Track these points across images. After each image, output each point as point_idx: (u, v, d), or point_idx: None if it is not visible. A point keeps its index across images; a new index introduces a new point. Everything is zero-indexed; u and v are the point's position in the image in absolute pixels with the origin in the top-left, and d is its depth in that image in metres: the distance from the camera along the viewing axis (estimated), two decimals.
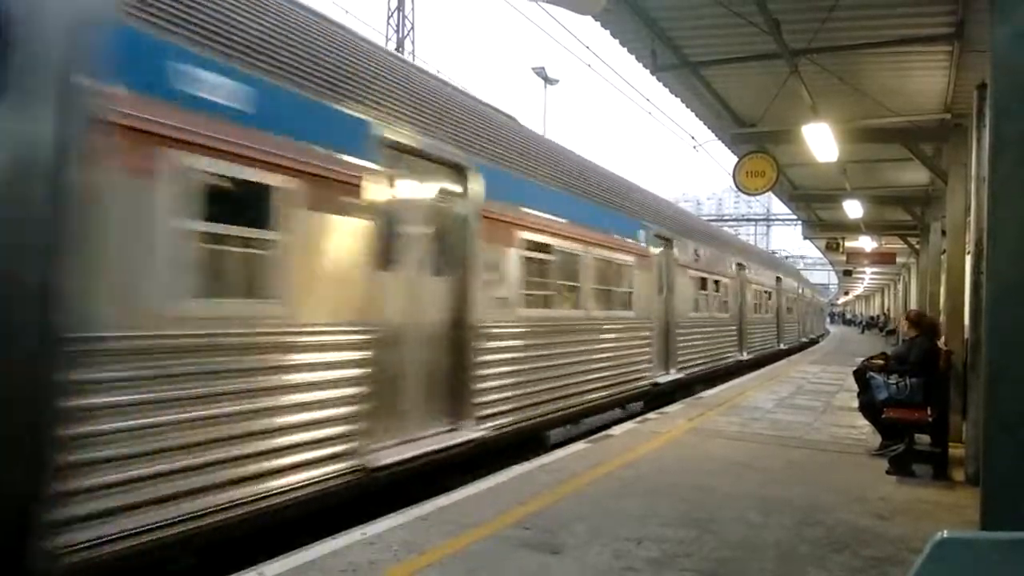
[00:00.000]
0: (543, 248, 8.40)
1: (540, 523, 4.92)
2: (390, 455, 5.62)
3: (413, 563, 4.12)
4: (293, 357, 4.85)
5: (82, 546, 3.53)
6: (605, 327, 10.06)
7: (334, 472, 5.07)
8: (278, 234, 4.76)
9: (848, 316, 79.37)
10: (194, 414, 4.13)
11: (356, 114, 5.53)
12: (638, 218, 11.61)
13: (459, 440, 6.49)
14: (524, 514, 5.11)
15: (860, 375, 7.71)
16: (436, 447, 6.15)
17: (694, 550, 4.47)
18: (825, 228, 24.42)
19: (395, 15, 28.52)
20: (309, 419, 4.91)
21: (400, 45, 28.05)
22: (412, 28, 28.76)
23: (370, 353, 5.43)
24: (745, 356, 18.94)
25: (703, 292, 15.30)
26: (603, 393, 9.88)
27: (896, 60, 9.19)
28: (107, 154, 3.71)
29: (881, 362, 7.88)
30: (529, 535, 4.67)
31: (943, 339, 7.97)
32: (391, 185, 5.94)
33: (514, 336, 7.65)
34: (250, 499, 4.43)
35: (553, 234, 8.58)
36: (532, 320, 8.06)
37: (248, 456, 4.45)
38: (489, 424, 7.02)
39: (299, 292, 4.90)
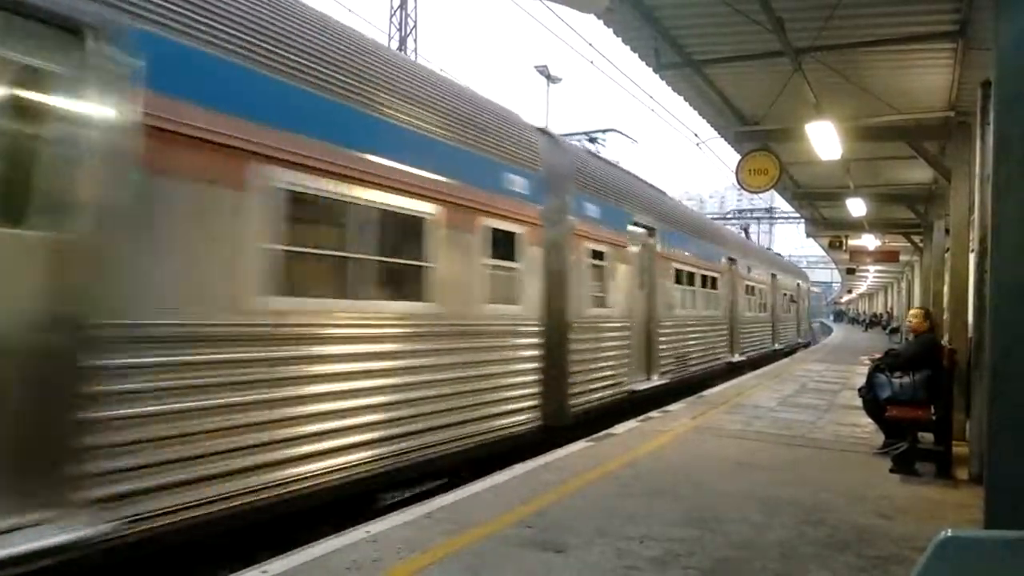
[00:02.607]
0: (335, 199, 5.49)
1: (543, 522, 4.92)
2: None
3: (416, 561, 4.13)
4: None
5: None
6: (463, 329, 7.03)
7: None
8: None
9: (852, 314, 79.30)
10: None
11: None
12: (529, 167, 8.36)
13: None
14: (527, 513, 5.12)
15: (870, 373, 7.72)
16: None
17: (696, 549, 4.47)
18: (828, 226, 24.34)
19: (398, 13, 28.52)
20: None
21: (403, 43, 28.05)
22: (415, 26, 28.75)
23: None
24: (737, 358, 17.57)
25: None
26: (457, 434, 6.83)
27: (900, 58, 9.17)
28: None
29: (878, 356, 7.92)
30: (532, 534, 4.67)
31: (947, 337, 7.96)
32: None
33: (235, 342, 4.61)
34: None
35: (356, 180, 5.63)
36: (290, 315, 5.03)
37: None
38: (126, 511, 3.91)
39: None
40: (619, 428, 8.76)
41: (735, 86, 10.77)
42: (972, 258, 7.14)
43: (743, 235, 33.60)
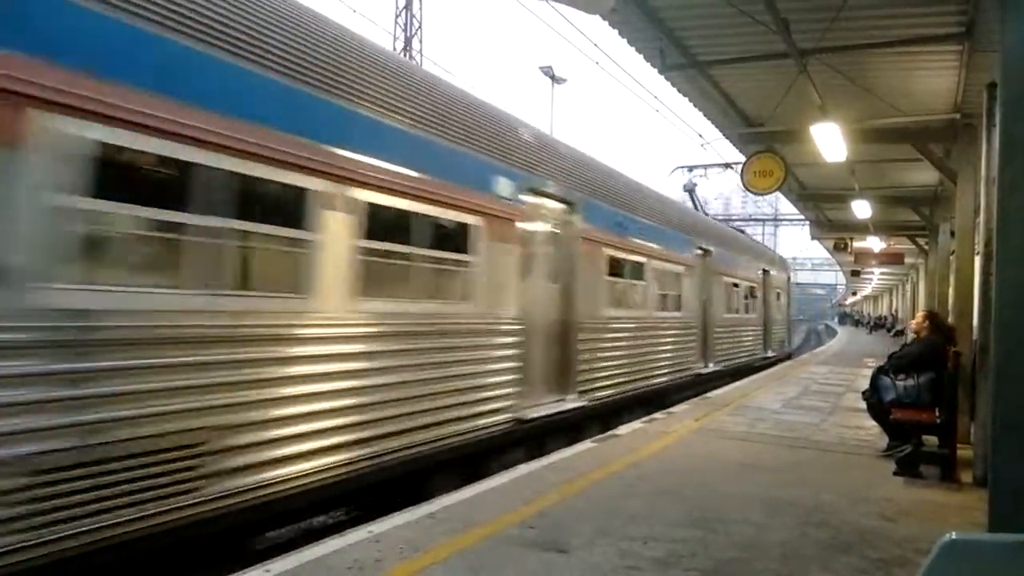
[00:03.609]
0: None
1: (545, 522, 4.92)
2: None
3: (418, 561, 4.13)
4: None
5: None
6: None
7: None
8: None
9: (856, 317, 79.19)
10: None
11: None
12: None
13: None
14: (530, 513, 5.11)
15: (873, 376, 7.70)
16: None
17: (699, 550, 4.46)
18: (833, 228, 24.31)
19: (403, 14, 28.55)
20: None
21: (408, 44, 28.07)
22: (420, 27, 28.76)
23: None
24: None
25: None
26: None
27: (905, 60, 9.15)
28: None
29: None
30: (535, 534, 4.67)
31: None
32: None
33: None
34: None
35: None
36: None
37: None
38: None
39: None
40: (622, 429, 8.75)
41: (740, 87, 10.76)
42: (977, 260, 7.12)
43: (690, 203, 21.52)
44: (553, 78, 33.78)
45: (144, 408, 4.12)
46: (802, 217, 28.99)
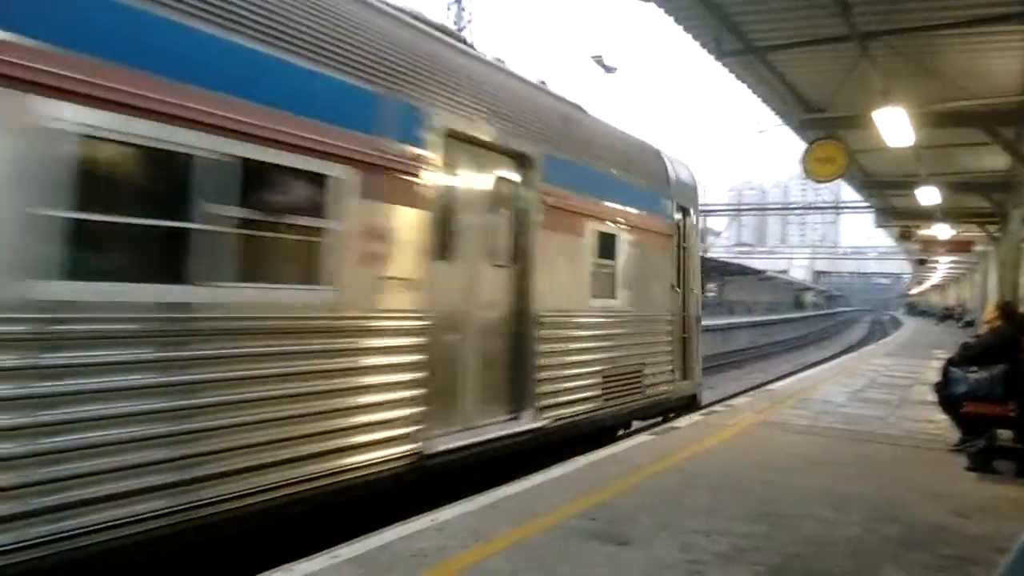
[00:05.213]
0: None
1: (606, 514, 4.92)
2: None
3: (480, 550, 4.18)
4: None
5: None
6: None
7: None
8: None
9: (923, 307, 76.93)
10: None
11: None
12: None
13: None
14: (590, 505, 5.12)
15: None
16: None
17: (763, 544, 4.41)
18: (898, 216, 23.66)
19: (453, 6, 28.74)
20: None
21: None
22: (471, 20, 28.92)
23: None
24: None
25: None
26: None
27: (971, 40, 8.85)
28: None
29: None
30: (595, 526, 4.68)
31: None
32: None
33: None
34: None
35: None
36: None
37: None
38: None
39: None
40: (682, 422, 8.69)
41: (799, 73, 10.56)
42: None
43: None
44: (604, 67, 33.56)
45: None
46: (865, 204, 28.20)
